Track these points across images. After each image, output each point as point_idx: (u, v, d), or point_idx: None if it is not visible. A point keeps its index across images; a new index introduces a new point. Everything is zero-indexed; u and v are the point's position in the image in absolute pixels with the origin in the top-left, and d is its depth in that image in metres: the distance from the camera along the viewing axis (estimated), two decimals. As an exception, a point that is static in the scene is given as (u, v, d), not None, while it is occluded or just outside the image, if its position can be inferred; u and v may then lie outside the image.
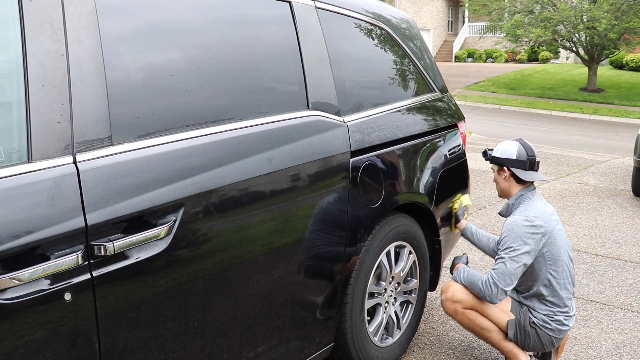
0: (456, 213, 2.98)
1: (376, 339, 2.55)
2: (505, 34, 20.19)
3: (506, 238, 2.50)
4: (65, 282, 1.32)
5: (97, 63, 1.44)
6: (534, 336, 2.53)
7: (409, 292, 2.76)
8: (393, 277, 2.60)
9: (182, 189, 1.57)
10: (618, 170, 8.08)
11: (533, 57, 28.76)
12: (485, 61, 30.30)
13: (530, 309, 2.57)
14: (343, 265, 2.22)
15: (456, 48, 32.90)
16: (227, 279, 1.74)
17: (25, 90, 1.32)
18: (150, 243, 1.50)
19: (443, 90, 3.12)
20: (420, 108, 2.82)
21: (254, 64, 1.94)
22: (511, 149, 2.65)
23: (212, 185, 1.66)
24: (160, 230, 1.51)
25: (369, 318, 2.51)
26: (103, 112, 1.44)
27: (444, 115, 3.04)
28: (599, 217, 5.59)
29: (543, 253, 2.49)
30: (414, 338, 3.01)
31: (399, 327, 2.72)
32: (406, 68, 2.84)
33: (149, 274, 1.51)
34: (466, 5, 23.02)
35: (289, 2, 2.10)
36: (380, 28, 2.65)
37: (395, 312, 2.67)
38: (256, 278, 1.84)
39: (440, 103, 3.04)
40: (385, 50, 2.71)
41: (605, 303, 3.59)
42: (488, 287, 2.48)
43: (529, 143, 2.67)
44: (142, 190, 1.48)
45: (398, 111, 2.62)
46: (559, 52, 28.49)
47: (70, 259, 1.31)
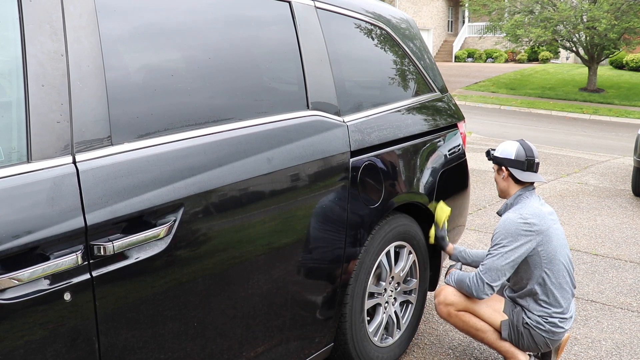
0: (440, 238, 2.77)
1: (376, 339, 2.55)
2: (505, 34, 20.20)
3: (498, 234, 2.51)
4: (65, 282, 1.32)
5: (97, 63, 1.44)
6: (528, 337, 2.52)
7: (409, 292, 2.76)
8: (393, 277, 2.60)
9: (182, 189, 1.57)
10: (618, 170, 8.08)
11: (533, 57, 28.77)
12: (485, 61, 30.30)
13: (524, 309, 2.56)
14: (343, 265, 2.22)
15: (456, 48, 32.90)
16: (227, 279, 1.74)
17: (25, 90, 1.32)
18: (150, 243, 1.50)
19: (443, 90, 3.12)
20: (420, 108, 2.82)
21: (254, 64, 1.94)
22: (510, 149, 2.65)
23: (212, 185, 1.66)
24: (160, 230, 1.51)
25: (369, 318, 2.51)
26: (103, 112, 1.44)
27: (444, 115, 3.04)
28: (599, 217, 5.59)
29: (538, 252, 2.49)
30: (414, 338, 3.01)
31: (399, 327, 2.72)
32: (406, 68, 2.84)
33: (149, 274, 1.51)
34: (466, 5, 23.03)
35: (289, 2, 2.10)
36: (380, 28, 2.65)
37: (395, 312, 2.67)
38: (256, 278, 1.84)
39: (440, 103, 3.04)
40: (385, 50, 2.71)
41: (605, 303, 3.59)
42: (475, 282, 2.49)
43: (530, 144, 2.67)
44: (142, 190, 1.48)
45: (398, 111, 2.62)
46: (559, 52, 28.50)
47: (69, 259, 1.31)
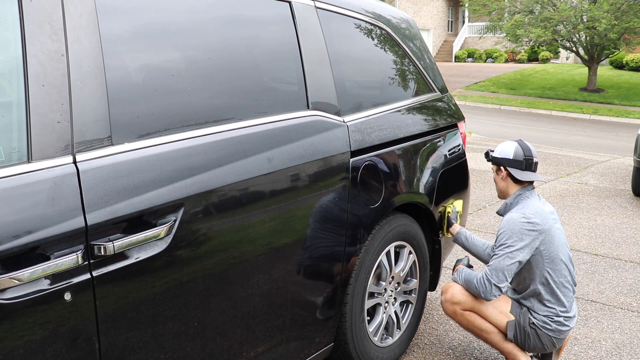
0: (449, 217, 2.91)
1: (376, 339, 2.55)
2: (505, 34, 20.20)
3: (502, 235, 2.51)
4: (65, 282, 1.33)
5: (97, 63, 1.44)
6: (534, 337, 2.53)
7: (409, 292, 2.76)
8: (393, 277, 2.60)
9: (182, 189, 1.57)
10: (618, 170, 8.08)
11: (533, 57, 28.76)
12: (485, 61, 30.30)
13: (530, 310, 2.56)
14: (343, 265, 2.22)
15: (456, 48, 32.89)
16: (227, 279, 1.74)
17: (25, 90, 1.32)
18: (150, 243, 1.50)
19: (443, 90, 3.12)
20: (420, 108, 2.82)
21: (254, 64, 1.94)
22: (509, 149, 2.66)
23: (212, 185, 1.66)
24: (160, 230, 1.51)
25: (369, 318, 2.51)
26: (103, 112, 1.44)
27: (444, 115, 3.04)
28: (599, 217, 5.59)
29: (540, 251, 2.49)
30: (414, 338, 3.01)
31: (399, 327, 2.72)
32: (406, 68, 2.84)
33: (149, 274, 1.51)
34: (466, 5, 23.03)
35: (289, 2, 2.10)
36: (380, 28, 2.65)
37: (395, 312, 2.67)
38: (256, 278, 1.84)
39: (440, 103, 3.04)
40: (385, 50, 2.71)
41: (605, 303, 3.59)
42: (482, 284, 2.49)
43: (529, 144, 2.67)
44: (142, 190, 1.48)
45: (398, 111, 2.62)
46: (559, 52, 28.50)
47: (70, 259, 1.31)
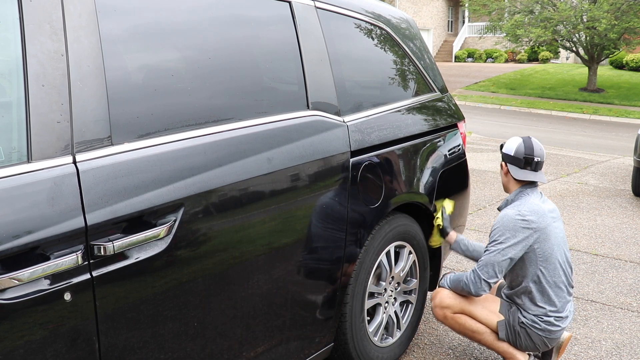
0: (443, 226, 2.73)
1: (376, 339, 2.55)
2: (505, 34, 20.19)
3: (495, 230, 2.49)
4: (65, 282, 1.32)
5: (97, 63, 1.44)
6: (525, 336, 2.51)
7: (409, 292, 2.76)
8: (393, 277, 2.60)
9: (182, 189, 1.57)
10: (618, 170, 8.08)
11: (533, 57, 28.76)
12: (485, 61, 30.29)
13: (520, 308, 2.54)
14: (343, 265, 2.22)
15: (456, 48, 32.89)
16: (227, 279, 1.74)
17: (25, 90, 1.32)
18: (150, 243, 1.50)
19: (443, 90, 3.12)
20: (420, 108, 2.82)
21: (254, 64, 1.94)
22: (512, 145, 2.61)
23: (212, 185, 1.66)
24: (160, 230, 1.51)
25: (369, 318, 2.51)
26: (103, 112, 1.44)
27: (444, 115, 3.04)
28: (599, 217, 5.59)
29: (534, 249, 2.46)
30: (414, 338, 3.01)
31: (399, 327, 2.72)
32: (406, 68, 2.84)
33: (149, 274, 1.51)
34: (466, 5, 23.03)
35: (289, 2, 2.10)
36: (380, 28, 2.65)
37: (395, 312, 2.67)
38: (256, 278, 1.84)
39: (440, 103, 3.04)
40: (385, 50, 2.71)
41: (605, 303, 3.59)
42: (472, 279, 2.48)
43: (535, 142, 2.58)
44: (142, 190, 1.48)
45: (398, 111, 2.62)
46: (559, 52, 28.50)
47: (70, 259, 1.31)
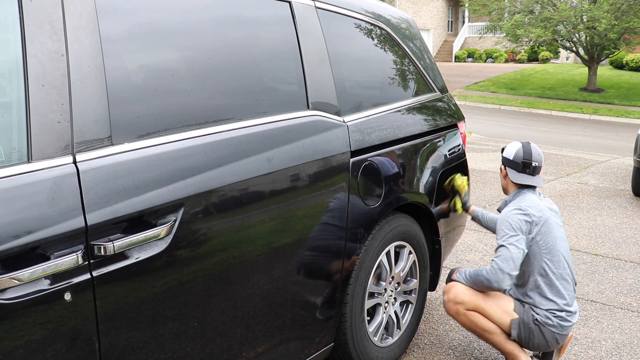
0: (463, 207, 2.98)
1: (376, 339, 2.55)
2: (505, 34, 20.19)
3: (502, 227, 2.55)
4: (65, 282, 1.33)
5: (97, 63, 1.44)
6: (538, 334, 2.52)
7: (409, 292, 2.76)
8: (393, 277, 2.60)
9: (182, 189, 1.57)
10: (618, 170, 8.08)
11: (533, 57, 28.76)
12: (485, 61, 30.29)
13: (532, 306, 2.56)
14: (343, 265, 2.22)
15: (456, 48, 32.89)
16: (227, 279, 1.74)
17: (25, 90, 1.32)
18: (150, 243, 1.50)
19: (443, 90, 3.12)
20: (420, 108, 2.82)
21: (254, 64, 1.94)
22: (511, 150, 2.73)
23: (212, 185, 1.66)
24: (160, 230, 1.51)
25: (369, 318, 2.51)
26: (103, 112, 1.44)
27: (444, 115, 3.04)
28: (599, 217, 5.59)
29: (537, 242, 2.52)
30: (414, 338, 3.01)
31: (399, 327, 2.72)
32: (406, 68, 2.84)
33: (149, 274, 1.51)
34: (466, 5, 23.03)
35: (289, 2, 2.10)
36: (380, 28, 2.65)
37: (395, 312, 2.67)
38: (256, 278, 1.84)
39: (440, 103, 3.04)
40: (385, 50, 2.71)
41: (605, 303, 3.59)
42: (494, 273, 2.48)
43: (534, 148, 2.70)
44: (142, 190, 1.48)
45: (398, 111, 2.62)
46: (559, 52, 28.49)
47: (70, 259, 1.31)
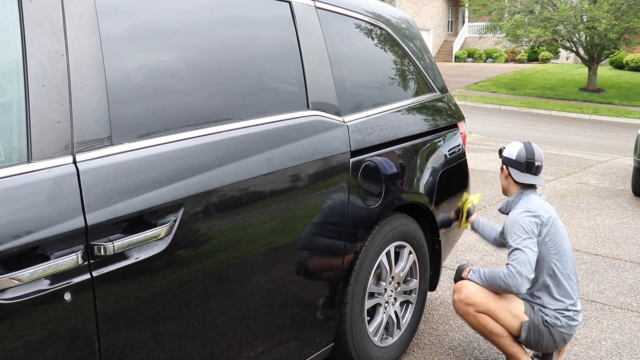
0: (469, 210, 3.03)
1: (376, 339, 2.55)
2: (505, 34, 20.19)
3: (513, 231, 2.53)
4: (65, 282, 1.33)
5: (97, 63, 1.44)
6: (547, 335, 2.53)
7: (409, 292, 2.76)
8: (393, 277, 2.60)
9: (182, 189, 1.57)
10: (618, 170, 8.08)
11: (533, 57, 28.76)
12: (485, 61, 30.29)
13: (541, 308, 2.56)
14: (343, 265, 2.22)
15: (456, 48, 32.88)
16: (227, 279, 1.74)
17: (25, 90, 1.32)
18: (150, 243, 1.50)
19: (443, 90, 3.12)
20: (420, 108, 2.82)
21: (254, 64, 1.94)
22: (513, 150, 2.73)
23: (212, 185, 1.66)
24: (160, 230, 1.51)
25: (369, 318, 2.51)
26: (103, 112, 1.44)
27: (444, 115, 3.04)
28: (599, 217, 5.59)
29: (546, 243, 2.53)
30: (414, 338, 3.01)
31: (399, 327, 2.72)
32: (406, 68, 2.84)
33: (149, 274, 1.51)
34: (466, 5, 23.02)
35: (289, 2, 2.10)
36: (380, 28, 2.65)
37: (395, 312, 2.67)
38: (256, 278, 1.84)
39: (440, 103, 3.04)
40: (385, 50, 2.71)
41: (605, 303, 3.59)
42: (512, 278, 2.45)
43: (536, 148, 2.71)
44: (142, 190, 1.48)
45: (398, 111, 2.62)
46: (559, 52, 28.49)
47: (70, 259, 1.31)
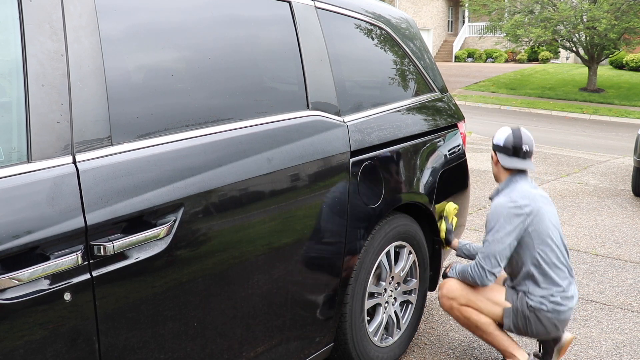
0: (446, 236, 2.84)
1: (376, 339, 2.55)
2: (505, 34, 20.20)
3: (491, 220, 2.53)
4: (65, 282, 1.33)
5: (97, 63, 1.44)
6: (535, 320, 2.50)
7: (409, 292, 2.76)
8: (393, 277, 2.60)
9: (182, 189, 1.57)
10: (618, 170, 8.08)
11: (533, 57, 28.76)
12: (485, 61, 30.29)
13: (526, 294, 2.53)
14: (343, 265, 2.22)
15: (456, 48, 32.89)
16: (227, 279, 1.74)
17: (25, 90, 1.32)
18: (150, 243, 1.50)
19: (443, 90, 3.12)
20: (420, 108, 2.82)
21: (254, 64, 1.94)
22: (501, 135, 2.67)
23: (212, 185, 1.66)
24: (160, 230, 1.51)
25: (369, 318, 2.51)
26: (103, 112, 1.44)
27: (444, 115, 3.04)
28: (599, 217, 5.59)
29: (529, 233, 2.49)
30: (414, 338, 3.01)
31: (399, 327, 2.72)
32: (406, 68, 2.84)
33: (149, 274, 1.51)
34: (466, 5, 23.03)
35: (289, 2, 2.10)
36: (380, 28, 2.65)
37: (395, 312, 2.67)
38: (256, 278, 1.84)
39: (440, 103, 3.04)
40: (385, 50, 2.71)
41: (605, 303, 3.59)
42: (477, 271, 2.50)
43: (524, 132, 2.63)
44: (142, 190, 1.48)
45: (398, 111, 2.62)
46: (559, 52, 28.49)
47: (70, 259, 1.32)
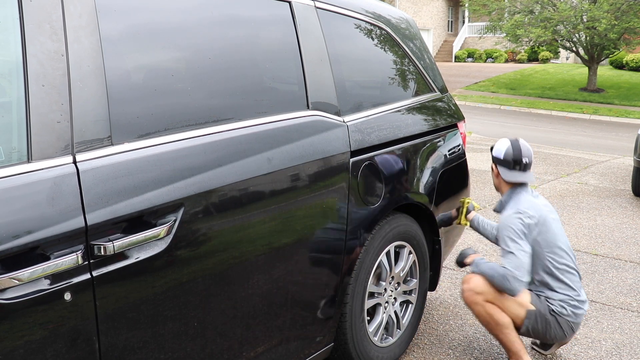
0: (468, 207, 3.00)
1: (376, 339, 2.55)
2: (505, 34, 20.19)
3: (506, 233, 2.55)
4: (65, 282, 1.33)
5: (97, 63, 1.44)
6: (555, 324, 2.57)
7: (409, 292, 2.76)
8: (393, 277, 2.60)
9: (182, 189, 1.57)
10: (618, 170, 8.08)
11: (533, 57, 28.76)
12: (485, 61, 30.29)
13: (547, 298, 2.61)
14: (343, 265, 2.22)
15: (456, 48, 32.88)
16: (227, 279, 1.74)
17: (25, 90, 1.32)
18: (150, 243, 1.50)
19: (443, 90, 3.12)
20: (420, 108, 2.83)
21: (254, 64, 1.94)
22: (501, 148, 2.73)
23: (212, 185, 1.66)
24: (160, 230, 1.51)
25: (369, 318, 2.51)
26: (103, 112, 1.44)
27: (444, 115, 3.04)
28: (599, 217, 5.59)
29: (538, 242, 2.56)
30: (414, 338, 3.01)
31: (399, 327, 2.72)
32: (406, 68, 2.84)
33: (149, 274, 1.51)
34: (466, 5, 23.02)
35: (289, 2, 2.10)
36: (380, 28, 2.65)
37: (395, 312, 2.67)
38: (256, 278, 1.84)
39: (440, 103, 3.04)
40: (385, 50, 2.71)
41: (605, 303, 3.59)
42: (508, 281, 2.48)
43: (523, 144, 2.70)
44: (142, 190, 1.48)
45: (398, 111, 2.62)
46: (559, 52, 28.49)
47: (70, 259, 1.32)
